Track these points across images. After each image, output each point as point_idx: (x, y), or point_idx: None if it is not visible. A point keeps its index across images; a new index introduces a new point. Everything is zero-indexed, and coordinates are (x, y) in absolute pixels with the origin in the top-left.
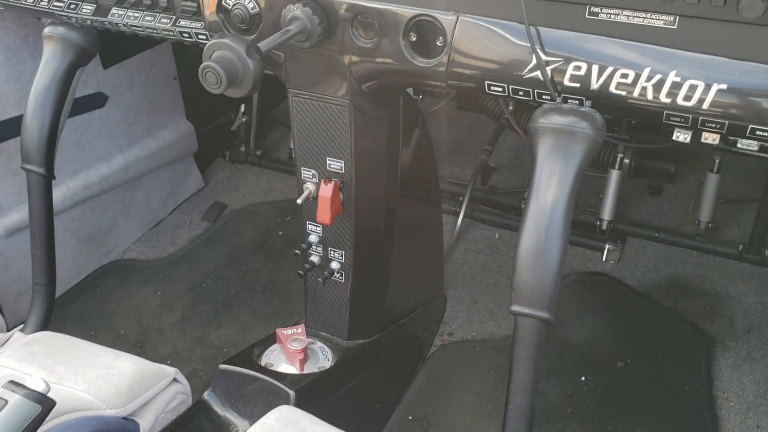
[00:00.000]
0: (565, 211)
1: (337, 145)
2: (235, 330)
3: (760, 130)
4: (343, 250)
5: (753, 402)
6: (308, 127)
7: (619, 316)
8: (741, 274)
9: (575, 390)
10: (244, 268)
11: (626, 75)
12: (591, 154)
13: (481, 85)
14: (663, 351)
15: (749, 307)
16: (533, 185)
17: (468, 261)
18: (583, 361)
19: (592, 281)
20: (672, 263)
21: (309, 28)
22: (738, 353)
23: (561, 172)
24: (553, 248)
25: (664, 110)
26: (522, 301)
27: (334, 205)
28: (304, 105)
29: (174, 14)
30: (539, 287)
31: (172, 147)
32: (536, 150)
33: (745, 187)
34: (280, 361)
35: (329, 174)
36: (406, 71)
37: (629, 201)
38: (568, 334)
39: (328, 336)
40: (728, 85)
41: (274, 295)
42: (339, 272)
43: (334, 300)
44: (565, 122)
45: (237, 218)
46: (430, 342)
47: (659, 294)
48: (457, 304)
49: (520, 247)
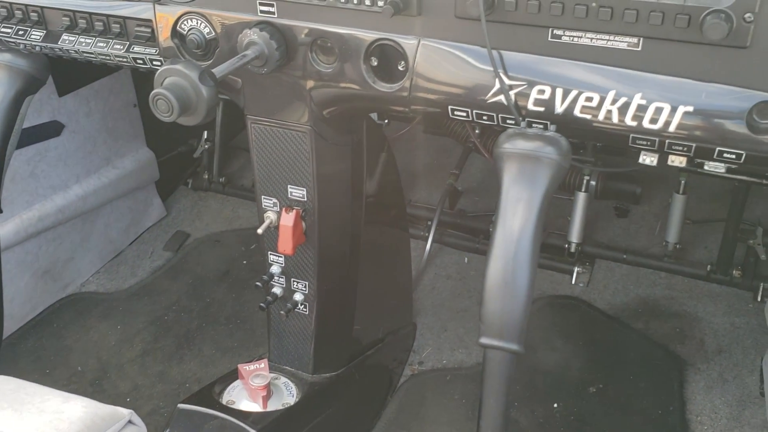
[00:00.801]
0: (532, 239)
1: (299, 173)
2: (197, 364)
3: (727, 152)
4: (306, 281)
5: (726, 425)
6: (268, 154)
7: (590, 340)
8: (710, 294)
9: (548, 417)
10: (208, 300)
11: (591, 98)
12: (557, 179)
13: (444, 110)
14: (635, 375)
15: (719, 328)
16: (499, 212)
17: (437, 287)
18: (555, 387)
19: (562, 305)
20: (641, 285)
21: (267, 53)
22: (710, 375)
23: (527, 198)
24: (522, 277)
25: (630, 133)
26: (491, 333)
27: (296, 235)
28: (264, 132)
29: (127, 40)
30: (508, 318)
31: (133, 175)
32: (502, 176)
33: (711, 207)
34: (242, 399)
35: (290, 202)
36: (368, 96)
37: (597, 223)
38: (539, 359)
39: (293, 370)
40: (694, 107)
41: (238, 327)
42: (303, 304)
43: (299, 333)
44: (530, 147)
45: (200, 248)
46: (399, 372)
47: (629, 316)
48: (427, 332)
49: (488, 276)
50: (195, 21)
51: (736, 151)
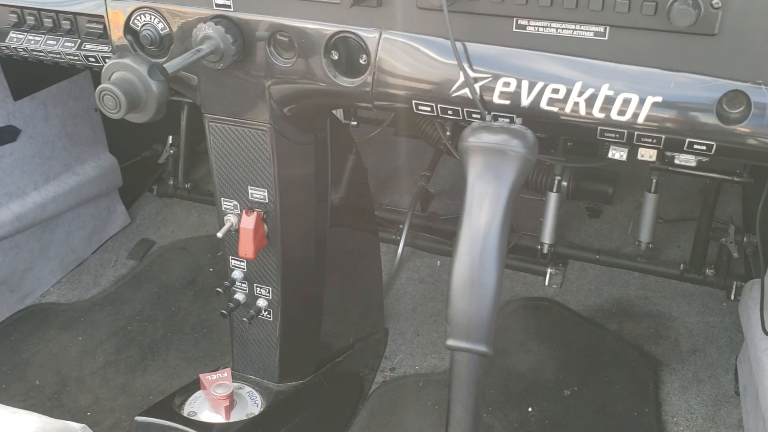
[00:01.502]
0: (499, 235)
1: (259, 173)
2: (162, 375)
3: (697, 143)
4: (269, 286)
5: (702, 426)
6: (227, 154)
7: (564, 342)
8: (684, 293)
9: (522, 422)
10: (173, 308)
11: (557, 90)
12: (524, 173)
13: (408, 104)
14: (610, 377)
15: (693, 327)
16: (465, 208)
17: (409, 291)
18: (529, 390)
19: (535, 307)
20: (614, 285)
21: (222, 47)
22: (685, 376)
23: (493, 193)
24: (489, 275)
25: (598, 126)
26: (458, 335)
27: (257, 238)
28: (222, 131)
29: (78, 37)
30: (475, 318)
31: (94, 182)
32: (467, 171)
33: (683, 206)
34: (204, 409)
35: (251, 204)
36: (329, 92)
37: (569, 224)
38: (513, 363)
39: (258, 379)
40: (663, 97)
41: (204, 336)
42: (266, 310)
43: (263, 340)
44: (496, 141)
45: (165, 255)
46: (371, 379)
47: (603, 317)
48: (399, 337)
49: (454, 275)
50: (148, 16)
51: (707, 142)
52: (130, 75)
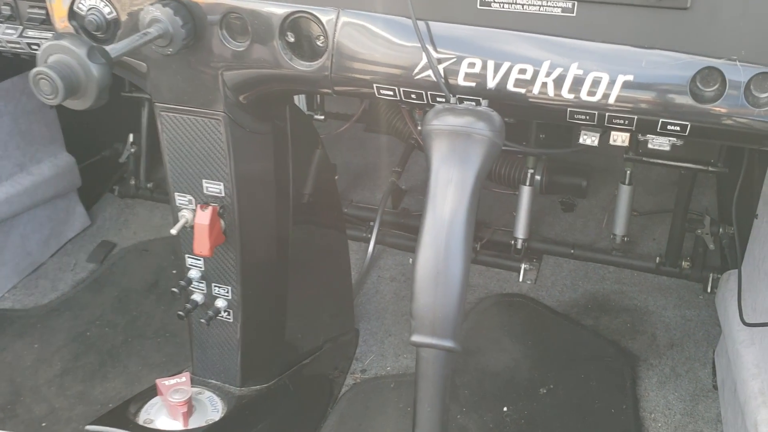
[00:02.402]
0: (465, 223)
1: (214, 166)
2: (122, 382)
3: (671, 124)
4: (228, 286)
5: (680, 421)
6: (180, 145)
7: (539, 339)
8: (660, 287)
9: (498, 422)
10: (134, 312)
11: (524, 70)
12: (491, 157)
13: (370, 89)
14: (586, 373)
15: (670, 321)
16: (429, 195)
17: (381, 290)
18: (504, 389)
19: (509, 303)
20: (590, 280)
21: (171, 31)
22: (662, 371)
23: (458, 178)
24: (455, 266)
25: (567, 108)
26: (423, 330)
27: (213, 234)
28: (174, 121)
29: (20, 24)
30: (441, 312)
31: (51, 182)
32: (430, 156)
33: (658, 199)
34: (161, 416)
35: (206, 199)
36: (286, 77)
37: (543, 218)
38: (487, 361)
39: (219, 384)
40: (634, 76)
41: (167, 341)
42: (226, 311)
43: (223, 343)
44: (461, 123)
45: (127, 258)
46: (340, 381)
47: (579, 313)
48: (370, 338)
49: (418, 266)
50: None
51: (681, 123)
52: (68, 58)
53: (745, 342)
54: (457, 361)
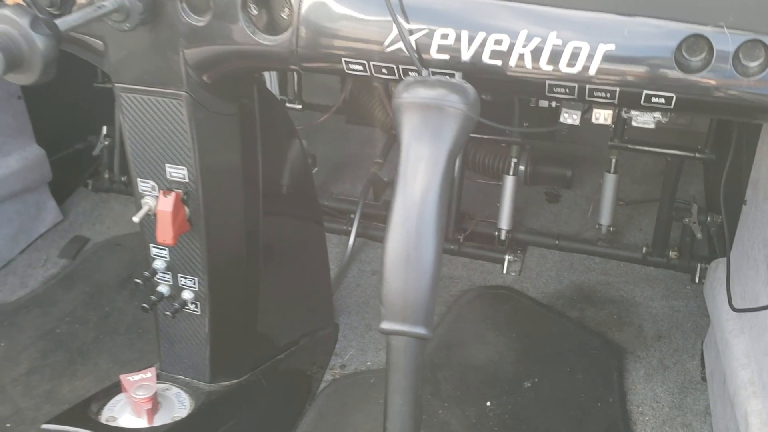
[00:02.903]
0: (437, 202)
1: (177, 149)
2: (92, 380)
3: (655, 96)
4: (195, 277)
5: (669, 414)
6: (141, 128)
7: (523, 332)
8: (647, 278)
9: (480, 417)
10: (107, 309)
11: (500, 41)
12: (465, 132)
13: (338, 63)
14: (572, 366)
15: (657, 312)
16: (399, 173)
17: (362, 283)
18: (487, 384)
19: (493, 295)
20: (575, 271)
21: (128, 4)
22: (650, 363)
23: (430, 155)
24: (426, 248)
25: (546, 80)
26: (393, 317)
27: (176, 222)
28: (134, 102)
29: None
30: (412, 297)
31: (19, 176)
32: (401, 131)
33: (644, 189)
34: (125, 414)
35: (170, 184)
36: (250, 53)
37: (527, 209)
38: (469, 355)
39: (187, 380)
40: (616, 45)
41: (140, 338)
42: (193, 302)
43: (191, 336)
44: (433, 96)
45: (99, 253)
46: (319, 377)
47: (564, 305)
48: (350, 333)
49: (387, 249)
50: None
51: (666, 94)
52: (10, 29)
53: (734, 331)
54: (439, 355)
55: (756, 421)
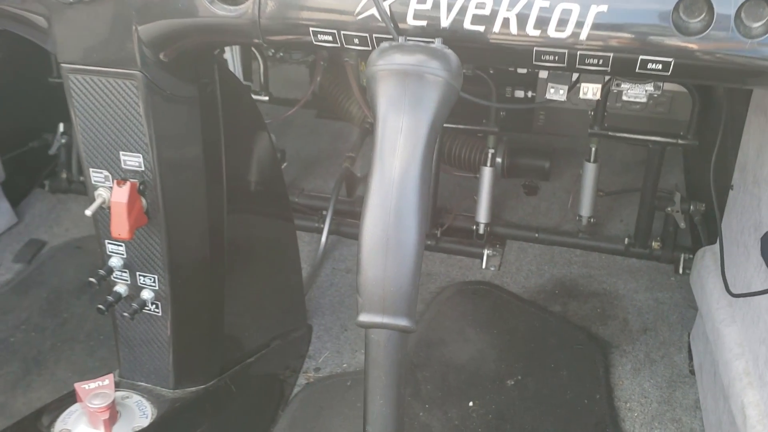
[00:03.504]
0: (419, 180)
1: (132, 135)
2: (48, 391)
3: (652, 61)
4: (154, 275)
5: (657, 410)
6: (92, 113)
7: (505, 328)
8: (630, 269)
9: (463, 418)
10: (65, 315)
11: (482, 4)
12: (447, 103)
13: (305, 35)
14: (556, 363)
15: (642, 305)
16: (375, 149)
17: (336, 282)
18: (469, 383)
19: (472, 291)
20: (556, 264)
21: None
22: (636, 357)
23: (410, 127)
24: (408, 231)
25: (533, 47)
26: (372, 308)
27: (132, 214)
28: (84, 84)
29: None
30: (393, 286)
31: None
32: (376, 102)
33: (624, 180)
34: (80, 425)
35: (125, 173)
36: (208, 27)
37: (505, 203)
38: (450, 354)
39: (149, 386)
40: (608, 7)
41: (101, 344)
42: (153, 303)
43: (152, 339)
44: (411, 62)
45: (57, 256)
46: (292, 381)
47: (546, 299)
48: (325, 334)
49: (364, 233)
50: None
51: (663, 59)
52: None
53: (725, 321)
54: (419, 354)
55: (754, 413)
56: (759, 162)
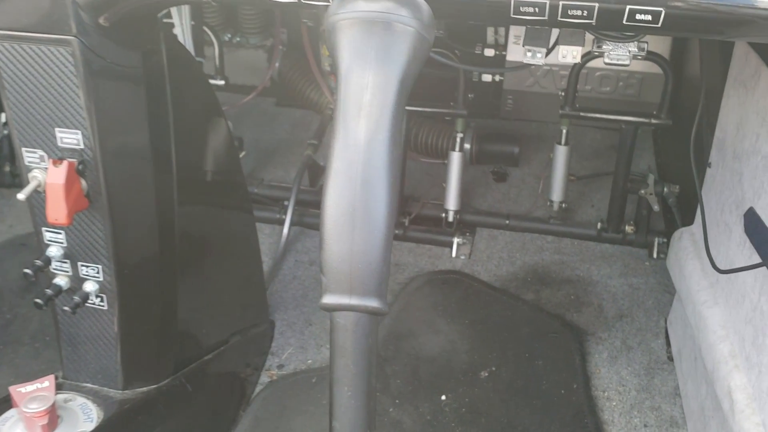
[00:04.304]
0: (389, 142)
1: (68, 109)
2: None
3: (640, 12)
4: (98, 264)
5: (636, 398)
6: (23, 85)
7: (477, 318)
8: (603, 255)
9: (435, 412)
10: (8, 316)
11: None
12: (418, 57)
13: None
14: (531, 352)
15: (617, 290)
16: (338, 109)
17: (299, 275)
18: (441, 376)
19: (443, 281)
20: (528, 251)
21: None
22: (613, 344)
23: (377, 82)
24: (377, 201)
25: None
26: (337, 288)
27: (71, 196)
28: (13, 53)
29: None
30: (362, 262)
31: None
32: (338, 56)
33: (593, 164)
34: None
35: (61, 152)
36: None
37: (475, 190)
38: (420, 346)
39: (95, 387)
40: None
41: (47, 346)
42: (98, 296)
43: (98, 336)
44: (377, 9)
45: (0, 255)
46: (254, 379)
47: (518, 287)
48: (288, 329)
49: (327, 203)
50: None
51: (653, 8)
52: None
53: (707, 302)
54: (388, 347)
55: (741, 397)
56: (739, 136)
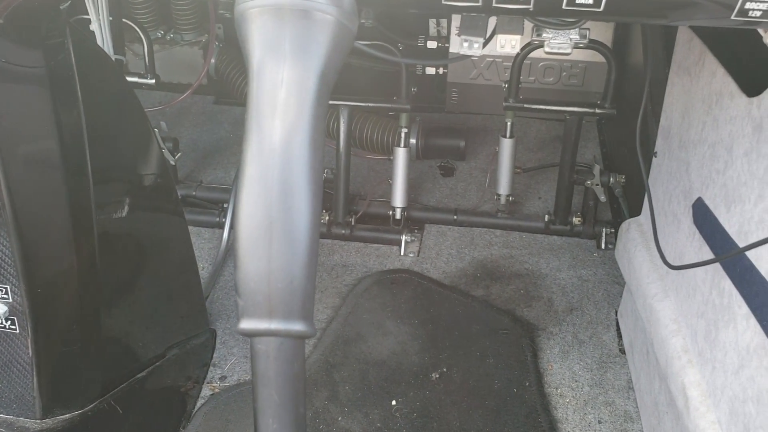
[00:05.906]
0: (309, 145)
1: None
2: None
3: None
4: (5, 285)
5: (590, 393)
6: None
7: (427, 317)
8: (551, 247)
9: (386, 419)
10: None
11: None
12: (339, 49)
13: None
14: (482, 350)
15: (566, 283)
16: (250, 109)
17: None
18: (391, 380)
19: (391, 281)
20: (476, 247)
21: None
22: (564, 338)
23: (293, 78)
24: (298, 209)
25: None
26: (255, 311)
27: None
28: None
29: None
30: (282, 282)
31: None
32: (248, 51)
33: (538, 156)
34: None
35: None
36: None
37: (422, 185)
38: (369, 350)
39: (10, 418)
40: None
41: None
42: (8, 318)
43: (10, 361)
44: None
45: None
46: (195, 393)
47: (468, 283)
48: (230, 338)
49: (240, 217)
50: None
51: None
52: None
53: (657, 296)
54: (335, 353)
55: (696, 394)
56: (685, 124)
